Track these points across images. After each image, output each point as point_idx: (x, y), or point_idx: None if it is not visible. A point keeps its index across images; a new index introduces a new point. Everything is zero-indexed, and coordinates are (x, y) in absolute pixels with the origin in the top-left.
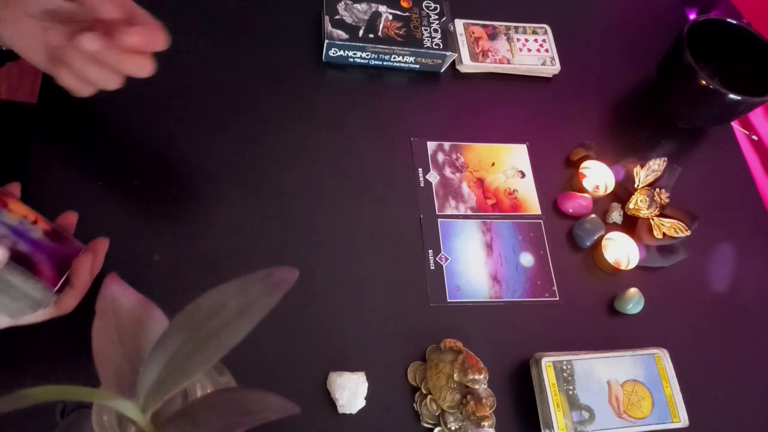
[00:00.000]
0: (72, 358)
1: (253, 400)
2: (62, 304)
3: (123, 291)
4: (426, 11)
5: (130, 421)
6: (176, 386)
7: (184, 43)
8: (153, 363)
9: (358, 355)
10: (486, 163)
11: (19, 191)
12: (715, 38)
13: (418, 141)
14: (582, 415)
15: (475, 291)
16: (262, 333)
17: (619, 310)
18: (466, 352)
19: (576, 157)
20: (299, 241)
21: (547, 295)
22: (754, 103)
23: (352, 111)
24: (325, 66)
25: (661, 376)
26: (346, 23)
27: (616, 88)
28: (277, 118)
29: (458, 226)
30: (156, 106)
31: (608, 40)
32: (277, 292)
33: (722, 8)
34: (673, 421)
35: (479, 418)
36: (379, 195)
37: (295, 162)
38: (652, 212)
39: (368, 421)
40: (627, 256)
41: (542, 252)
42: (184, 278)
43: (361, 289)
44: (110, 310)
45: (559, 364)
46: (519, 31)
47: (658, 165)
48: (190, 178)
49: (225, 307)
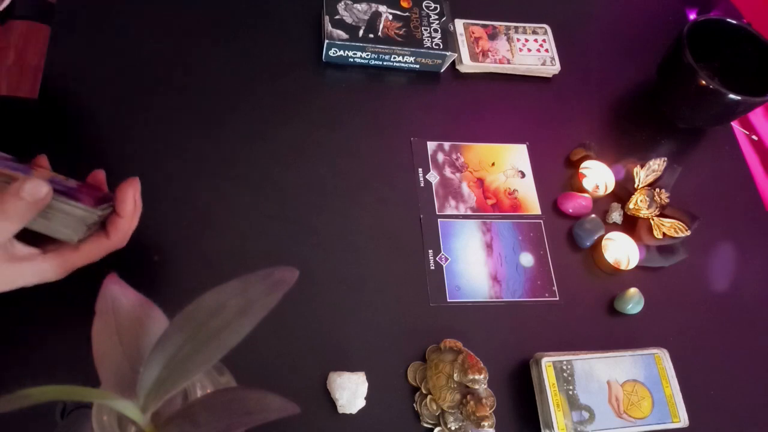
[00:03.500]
0: (72, 358)
1: (253, 400)
2: (117, 232)
3: (123, 291)
4: (426, 11)
5: (130, 421)
6: (176, 386)
7: (184, 43)
8: (153, 363)
9: (358, 355)
10: (486, 163)
11: (47, 162)
12: (715, 38)
13: (418, 141)
14: (582, 415)
15: (475, 291)
16: (262, 333)
17: (619, 310)
18: (466, 352)
19: (576, 157)
20: (299, 241)
21: (547, 295)
22: (754, 103)
23: (352, 111)
24: (325, 66)
25: (661, 376)
26: (346, 23)
27: (616, 88)
28: (277, 118)
29: (458, 226)
30: (156, 105)
31: (608, 40)
32: (277, 292)
33: (722, 8)
34: (673, 421)
35: (479, 418)
36: (379, 195)
37: (295, 162)
38: (652, 212)
39: (368, 421)
40: (627, 256)
41: (542, 252)
42: (184, 278)
43: (361, 289)
44: (110, 310)
45: (559, 364)
46: (519, 31)
47: (658, 165)
48: (190, 178)
49: (225, 307)
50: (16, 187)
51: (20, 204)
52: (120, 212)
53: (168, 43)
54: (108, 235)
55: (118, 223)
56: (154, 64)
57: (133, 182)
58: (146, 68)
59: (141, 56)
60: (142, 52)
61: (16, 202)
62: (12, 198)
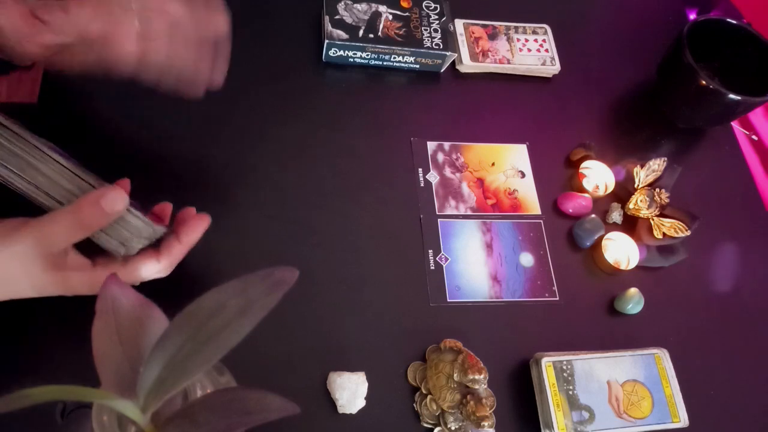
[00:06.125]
0: (72, 358)
1: (253, 400)
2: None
3: (123, 291)
4: (426, 11)
5: (130, 421)
6: (176, 386)
7: None
8: (153, 363)
9: (358, 355)
10: (486, 163)
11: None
12: (715, 38)
13: (418, 141)
14: (582, 415)
15: (475, 291)
16: (262, 333)
17: (619, 310)
18: (466, 352)
19: (576, 157)
20: (299, 241)
21: (547, 295)
22: (754, 103)
23: (352, 111)
24: (325, 66)
25: (661, 376)
26: (346, 23)
27: (616, 88)
28: (277, 118)
29: (458, 226)
30: (156, 106)
31: (608, 40)
32: (277, 292)
33: (722, 8)
34: (673, 421)
35: (479, 418)
36: (379, 195)
37: (295, 162)
38: (652, 212)
39: (368, 421)
40: (627, 256)
41: (542, 252)
42: (184, 278)
43: (361, 289)
44: (110, 310)
45: (559, 364)
46: (519, 31)
47: (658, 165)
48: (190, 178)
49: (225, 307)
50: (96, 196)
51: (96, 212)
52: (182, 239)
53: None
54: (159, 257)
55: (174, 248)
56: None
57: (206, 218)
58: None
59: None
60: None
61: (93, 211)
62: (90, 206)
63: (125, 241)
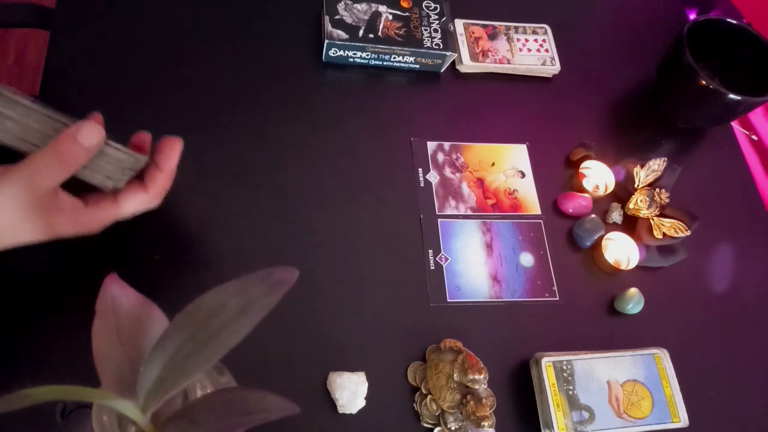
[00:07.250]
0: (72, 358)
1: (253, 400)
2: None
3: (123, 291)
4: (426, 11)
5: (130, 421)
6: (176, 386)
7: (184, 43)
8: (153, 363)
9: (358, 355)
10: (486, 163)
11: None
12: (715, 38)
13: (418, 141)
14: (582, 415)
15: (475, 291)
16: (262, 333)
17: (619, 310)
18: (466, 352)
19: (576, 157)
20: (299, 241)
21: (547, 295)
22: (754, 103)
23: (352, 111)
24: (325, 66)
25: (661, 376)
26: (346, 23)
27: (616, 88)
28: (278, 118)
29: (458, 226)
30: (156, 106)
31: (608, 40)
32: (277, 292)
33: (722, 8)
34: (673, 421)
35: (479, 418)
36: (379, 195)
37: (295, 162)
38: (652, 212)
39: (368, 421)
40: (627, 256)
41: (542, 252)
42: (184, 278)
43: (361, 289)
44: (110, 310)
45: (559, 364)
46: (519, 31)
47: (658, 165)
48: (190, 178)
49: (225, 307)
50: (72, 131)
51: (75, 148)
52: (162, 166)
53: (168, 43)
54: (146, 188)
55: (157, 177)
56: (153, 64)
57: (178, 140)
58: (146, 69)
59: (141, 57)
60: (142, 52)
61: (72, 147)
62: (67, 142)
63: (110, 174)
